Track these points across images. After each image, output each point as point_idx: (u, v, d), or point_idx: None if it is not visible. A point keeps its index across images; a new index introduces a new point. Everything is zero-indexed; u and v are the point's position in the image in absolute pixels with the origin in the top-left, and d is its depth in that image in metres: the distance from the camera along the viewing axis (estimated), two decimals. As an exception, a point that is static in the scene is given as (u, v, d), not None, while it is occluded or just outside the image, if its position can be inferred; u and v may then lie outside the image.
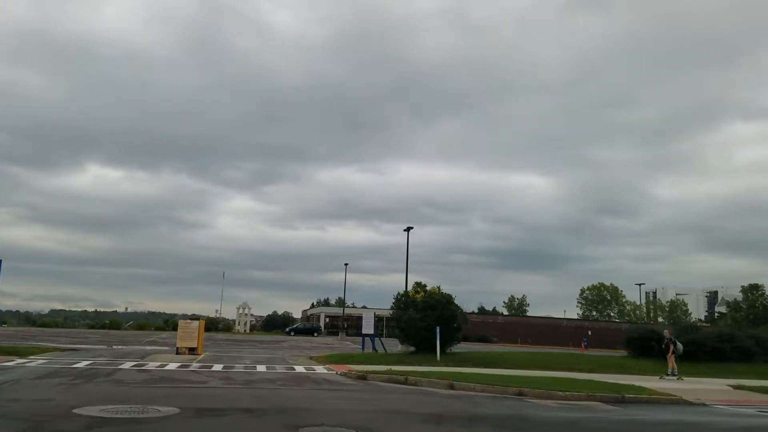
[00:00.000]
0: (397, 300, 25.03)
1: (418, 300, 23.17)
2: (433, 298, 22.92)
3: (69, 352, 24.05)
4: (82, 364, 18.01)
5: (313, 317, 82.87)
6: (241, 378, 15.63)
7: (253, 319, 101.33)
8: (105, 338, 38.58)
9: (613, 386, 16.05)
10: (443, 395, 13.85)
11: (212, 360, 21.43)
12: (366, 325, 28.53)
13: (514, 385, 15.02)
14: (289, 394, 12.80)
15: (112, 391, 12.25)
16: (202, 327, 24.23)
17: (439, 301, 22.87)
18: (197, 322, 24.04)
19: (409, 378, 15.88)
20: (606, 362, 25.95)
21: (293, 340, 51.19)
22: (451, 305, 23.13)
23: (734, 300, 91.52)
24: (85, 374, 15.38)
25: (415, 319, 22.30)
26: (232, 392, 12.84)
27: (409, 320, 22.38)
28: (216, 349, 29.46)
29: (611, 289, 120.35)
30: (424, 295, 23.31)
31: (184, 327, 23.64)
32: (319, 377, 16.66)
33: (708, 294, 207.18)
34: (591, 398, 14.41)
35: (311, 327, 69.48)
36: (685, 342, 23.56)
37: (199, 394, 12.30)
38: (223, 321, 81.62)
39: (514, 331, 78.70)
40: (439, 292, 23.43)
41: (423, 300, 22.92)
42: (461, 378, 15.76)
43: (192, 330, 23.58)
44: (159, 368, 17.63)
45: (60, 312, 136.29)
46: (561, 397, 14.32)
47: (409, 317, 22.36)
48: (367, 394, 13.30)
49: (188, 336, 23.49)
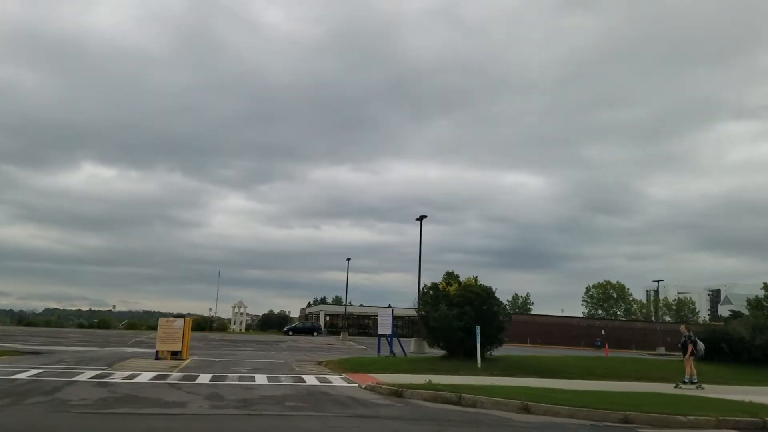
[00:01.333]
0: (423, 294, 20.65)
1: (451, 293, 18.96)
2: (470, 290, 18.70)
3: (28, 356, 19.86)
4: (26, 375, 13.73)
5: (312, 316, 78.59)
6: (234, 396, 11.40)
7: (249, 318, 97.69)
8: (87, 338, 35.54)
9: (740, 405, 11.91)
10: (524, 425, 9.65)
11: (199, 367, 17.19)
12: (382, 325, 24.31)
13: (615, 407, 10.83)
14: (311, 429, 8.59)
15: (34, 423, 8.03)
16: (189, 326, 19.97)
17: (478, 294, 18.68)
18: (181, 320, 19.75)
19: (464, 396, 11.66)
20: (668, 367, 21.91)
21: (292, 340, 47.39)
22: (493, 299, 18.96)
23: (755, 297, 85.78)
24: (20, 390, 11.15)
25: (449, 316, 18.08)
26: (220, 425, 8.64)
27: (442, 318, 18.15)
28: (206, 352, 25.23)
29: (618, 287, 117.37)
30: (457, 287, 19.07)
31: (166, 327, 19.37)
32: (340, 394, 12.42)
33: (711, 292, 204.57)
34: (723, 425, 10.29)
35: (311, 326, 65.22)
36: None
37: (169, 430, 8.09)
38: (218, 320, 78.26)
39: (523, 331, 74.52)
40: (477, 284, 19.24)
41: (458, 294, 18.69)
42: (535, 396, 11.56)
43: (175, 330, 19.32)
44: (126, 381, 13.37)
45: (54, 311, 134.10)
46: (683, 424, 10.20)
47: (443, 314, 18.12)
48: (424, 427, 9.07)
49: (170, 337, 19.25)
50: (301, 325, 66.67)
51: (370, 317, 77.40)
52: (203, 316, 76.50)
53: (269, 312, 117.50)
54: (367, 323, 77.38)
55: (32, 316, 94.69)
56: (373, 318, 78.85)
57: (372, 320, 78.86)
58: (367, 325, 76.93)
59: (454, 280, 19.83)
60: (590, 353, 40.30)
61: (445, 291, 19.27)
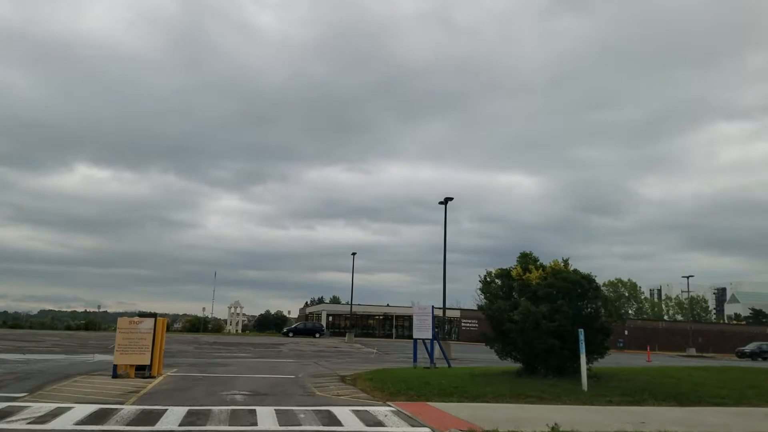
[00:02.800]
0: (486, 284, 14.70)
1: (533, 282, 13.33)
2: (563, 278, 13.05)
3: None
4: None
5: (313, 316, 72.77)
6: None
7: (245, 319, 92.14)
8: (63, 342, 32.11)
9: None
10: None
11: (172, 392, 11.51)
12: (420, 326, 18.64)
13: None
14: None
15: None
16: (162, 329, 14.23)
17: (576, 283, 13.04)
18: (150, 320, 13.96)
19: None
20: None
21: (293, 342, 42.23)
22: (595, 292, 13.31)
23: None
24: None
25: (536, 315, 12.43)
26: None
27: (525, 317, 12.47)
28: (193, 361, 19.67)
29: (629, 286, 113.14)
30: (542, 273, 13.40)
31: (127, 330, 13.59)
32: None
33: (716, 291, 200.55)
34: None
35: (313, 327, 59.42)
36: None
37: None
38: (213, 321, 73.04)
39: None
40: (571, 271, 13.54)
41: (546, 283, 13.01)
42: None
43: (141, 336, 13.55)
44: (32, 427, 7.70)
45: (49, 312, 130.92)
46: None
47: (526, 311, 12.44)
48: None
49: (134, 345, 13.51)
50: (302, 326, 60.93)
51: (374, 317, 71.90)
52: (197, 317, 71.36)
53: (266, 312, 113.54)
54: (370, 323, 72.04)
55: (26, 318, 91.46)
56: (377, 318, 73.36)
57: (376, 320, 73.32)
58: (371, 325, 71.63)
59: (533, 263, 14.10)
60: (692, 362, 34.49)
61: (523, 279, 13.59)
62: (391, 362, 22.66)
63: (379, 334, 69.89)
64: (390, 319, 71.60)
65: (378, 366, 19.64)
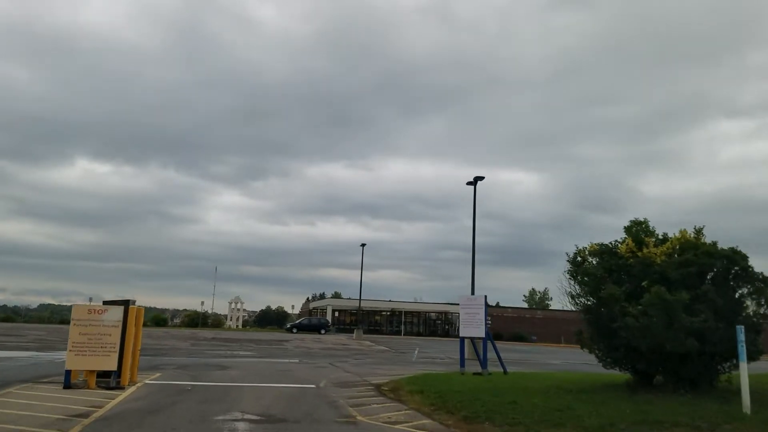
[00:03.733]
0: (576, 265, 10.47)
1: (656, 261, 9.33)
2: (707, 253, 9.02)
3: None
4: None
5: (318, 311, 68.96)
6: None
7: (246, 315, 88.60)
8: (45, 336, 30.01)
9: None
10: None
11: (138, 418, 7.64)
12: (469, 321, 14.60)
13: None
14: None
15: None
16: (137, 321, 10.31)
17: (729, 259, 9.07)
18: (117, 309, 10.01)
19: None
20: None
21: (298, 338, 39.17)
22: (746, 273, 9.31)
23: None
24: None
25: (673, 306, 8.47)
26: None
27: (656, 308, 8.48)
28: (182, 363, 15.81)
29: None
30: (671, 248, 9.39)
31: (86, 322, 9.67)
32: None
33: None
34: None
35: (318, 323, 55.69)
36: None
37: None
38: (213, 316, 69.88)
39: (557, 329, 65.42)
40: (709, 244, 9.45)
41: (681, 260, 8.99)
42: None
43: (104, 330, 9.63)
44: None
45: (49, 306, 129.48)
46: None
47: (658, 299, 8.43)
48: None
49: (94, 343, 9.60)
50: (306, 322, 57.18)
51: (381, 313, 68.14)
52: (196, 311, 67.98)
53: (267, 308, 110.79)
54: (377, 320, 68.55)
55: (26, 312, 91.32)
56: (383, 314, 69.51)
57: (383, 316, 69.46)
58: (378, 321, 68.15)
59: (651, 235, 10.11)
60: None
61: (640, 256, 9.63)
62: (416, 364, 18.88)
63: (386, 330, 66.43)
64: (398, 314, 67.87)
65: (409, 370, 15.81)
